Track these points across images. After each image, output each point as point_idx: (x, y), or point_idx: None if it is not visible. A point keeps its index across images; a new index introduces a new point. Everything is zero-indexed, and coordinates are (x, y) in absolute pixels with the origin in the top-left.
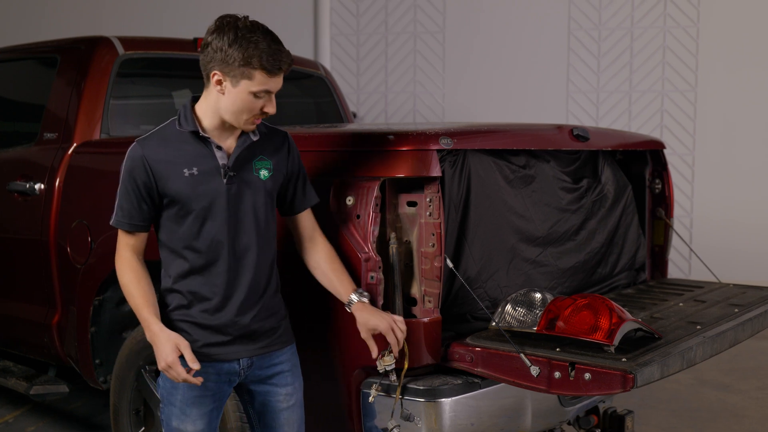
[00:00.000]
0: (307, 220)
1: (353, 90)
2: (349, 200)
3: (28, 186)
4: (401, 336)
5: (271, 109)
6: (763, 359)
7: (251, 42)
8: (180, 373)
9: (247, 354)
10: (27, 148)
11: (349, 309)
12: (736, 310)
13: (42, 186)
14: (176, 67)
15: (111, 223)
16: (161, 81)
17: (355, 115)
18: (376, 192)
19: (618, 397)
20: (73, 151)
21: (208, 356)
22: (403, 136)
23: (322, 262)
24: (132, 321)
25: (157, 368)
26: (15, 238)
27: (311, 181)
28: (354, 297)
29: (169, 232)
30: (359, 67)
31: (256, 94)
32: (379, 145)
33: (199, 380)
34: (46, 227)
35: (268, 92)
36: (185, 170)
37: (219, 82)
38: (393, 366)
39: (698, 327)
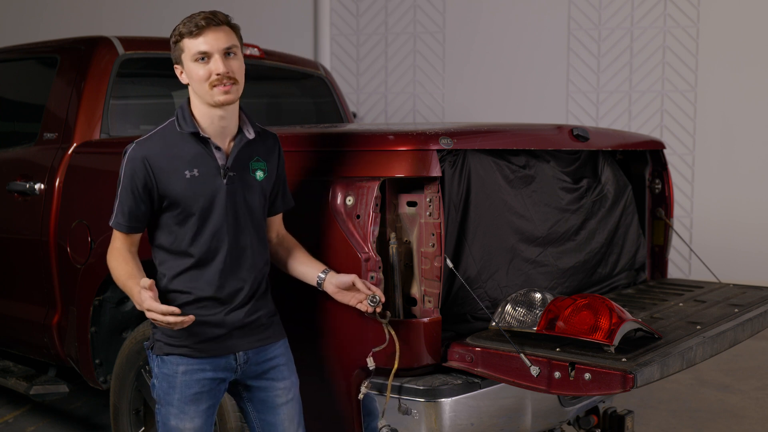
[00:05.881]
0: (279, 220)
1: (353, 90)
2: (349, 200)
3: (28, 186)
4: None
5: (218, 68)
6: (763, 359)
7: (179, 24)
8: (159, 309)
9: (242, 347)
10: (27, 148)
11: (323, 279)
12: (736, 310)
13: (42, 186)
14: None
15: (110, 224)
16: (161, 81)
17: (355, 115)
18: (376, 192)
19: (618, 397)
20: (73, 151)
21: (205, 351)
22: (403, 136)
23: (295, 250)
24: (132, 321)
25: None
26: (15, 238)
27: (312, 181)
28: (325, 271)
29: (168, 233)
30: (359, 67)
31: (196, 61)
32: (379, 145)
33: (189, 318)
34: (46, 227)
35: (205, 54)
36: (186, 172)
37: (181, 74)
38: (378, 305)
39: (698, 327)
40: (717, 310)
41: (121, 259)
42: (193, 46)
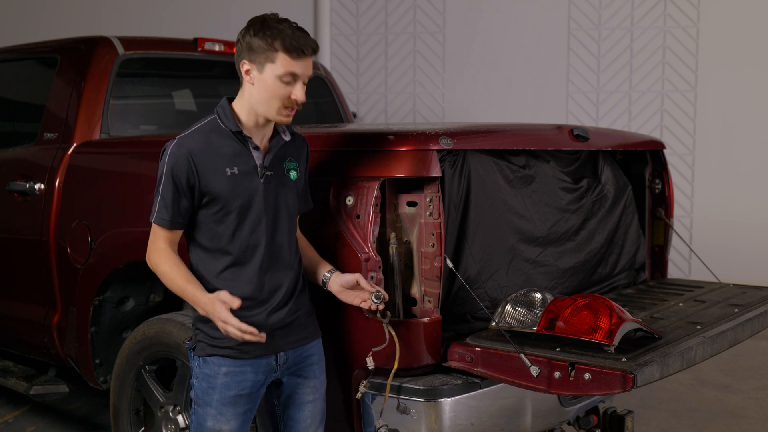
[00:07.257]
0: (296, 221)
1: (353, 90)
2: (349, 200)
3: (28, 186)
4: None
5: (299, 95)
6: (763, 359)
7: (275, 29)
8: (238, 326)
9: (284, 348)
10: (27, 148)
11: (328, 278)
12: (736, 310)
13: (42, 186)
14: (176, 67)
15: (152, 219)
16: (161, 81)
17: (355, 115)
18: (376, 192)
19: (618, 397)
20: (73, 151)
21: (248, 353)
22: (403, 136)
23: (305, 250)
24: (132, 321)
25: (157, 368)
26: (15, 238)
27: (312, 181)
28: (331, 270)
29: (206, 230)
30: (359, 67)
31: (282, 79)
32: (379, 145)
33: (262, 336)
34: (46, 227)
35: (294, 76)
36: (227, 169)
37: (248, 72)
38: (382, 300)
39: (698, 327)
40: (717, 310)
41: (171, 263)
42: (288, 65)
